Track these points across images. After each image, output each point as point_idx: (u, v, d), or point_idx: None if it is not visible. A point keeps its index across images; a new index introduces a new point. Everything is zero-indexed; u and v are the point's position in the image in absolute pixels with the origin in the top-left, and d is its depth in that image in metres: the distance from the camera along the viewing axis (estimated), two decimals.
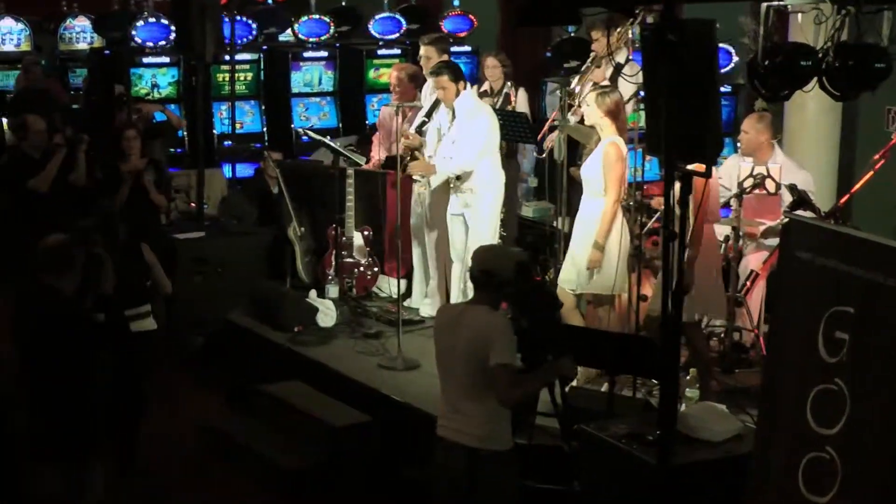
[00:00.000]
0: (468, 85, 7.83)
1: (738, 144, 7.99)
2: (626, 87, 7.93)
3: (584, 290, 6.97)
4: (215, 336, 8.58)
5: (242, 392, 7.71)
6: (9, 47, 11.47)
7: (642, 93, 6.30)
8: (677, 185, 4.86)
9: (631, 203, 7.22)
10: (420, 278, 8.47)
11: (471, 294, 6.98)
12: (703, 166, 4.87)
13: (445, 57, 8.47)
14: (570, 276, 7.01)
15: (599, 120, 6.89)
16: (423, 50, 8.51)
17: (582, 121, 7.37)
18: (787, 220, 5.38)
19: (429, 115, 8.13)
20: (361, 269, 8.65)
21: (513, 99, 9.33)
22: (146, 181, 8.65)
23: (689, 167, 4.88)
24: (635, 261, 7.02)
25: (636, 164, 7.17)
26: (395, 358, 7.41)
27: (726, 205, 7.43)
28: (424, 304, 8.37)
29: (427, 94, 8.54)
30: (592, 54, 8.73)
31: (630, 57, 8.67)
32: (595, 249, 6.82)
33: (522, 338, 5.03)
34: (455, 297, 7.69)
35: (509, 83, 9.43)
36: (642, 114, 6.70)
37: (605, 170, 6.82)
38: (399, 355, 7.40)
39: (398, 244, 7.57)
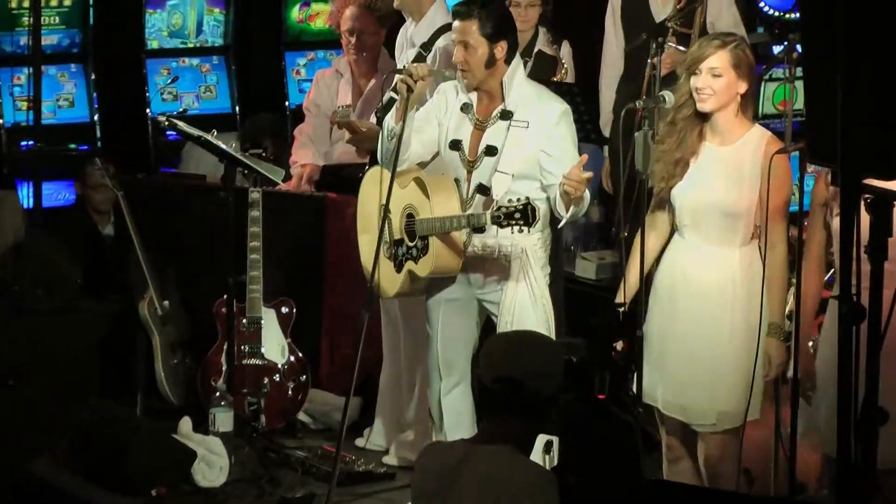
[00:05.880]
0: (517, 55, 7.83)
1: None
2: None
3: (710, 423, 7.13)
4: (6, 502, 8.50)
5: None
6: None
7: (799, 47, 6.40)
8: (865, 219, 5.14)
9: None
10: (389, 395, 8.68)
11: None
12: None
13: None
14: (674, 394, 7.18)
15: (734, 95, 7.13)
16: None
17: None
18: None
19: (387, 107, 7.96)
20: (277, 378, 8.66)
21: (563, 64, 9.70)
22: None
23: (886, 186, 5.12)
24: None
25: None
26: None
27: None
28: (397, 442, 8.63)
29: (403, 51, 8.65)
30: None
31: None
32: (775, 339, 7.05)
33: None
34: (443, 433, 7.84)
35: (542, 31, 9.69)
36: (799, 88, 6.67)
37: (774, 189, 7.00)
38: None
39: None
